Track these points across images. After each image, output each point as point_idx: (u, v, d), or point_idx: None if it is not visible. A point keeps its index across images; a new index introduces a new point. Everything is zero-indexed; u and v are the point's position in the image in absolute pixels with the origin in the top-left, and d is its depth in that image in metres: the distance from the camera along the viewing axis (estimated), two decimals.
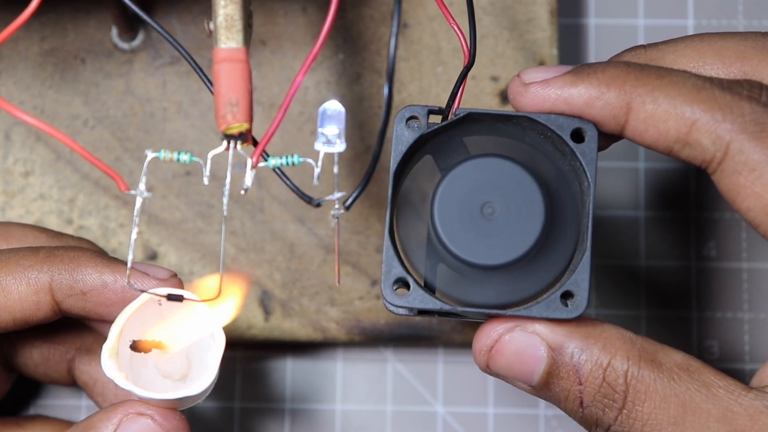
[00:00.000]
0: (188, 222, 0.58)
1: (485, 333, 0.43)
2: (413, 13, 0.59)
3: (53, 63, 0.59)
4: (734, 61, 0.44)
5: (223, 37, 0.43)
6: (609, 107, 0.42)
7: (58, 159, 0.59)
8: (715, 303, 0.61)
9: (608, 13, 0.63)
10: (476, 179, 0.42)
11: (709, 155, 0.41)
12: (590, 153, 0.43)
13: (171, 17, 0.59)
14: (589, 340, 0.42)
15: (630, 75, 0.42)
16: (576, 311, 0.42)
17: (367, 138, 0.58)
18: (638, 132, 0.42)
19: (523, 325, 0.42)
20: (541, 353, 0.42)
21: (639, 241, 0.61)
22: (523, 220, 0.42)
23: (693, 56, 0.44)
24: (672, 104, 0.41)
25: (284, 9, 0.59)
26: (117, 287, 0.47)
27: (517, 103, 0.43)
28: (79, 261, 0.47)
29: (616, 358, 0.42)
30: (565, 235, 0.43)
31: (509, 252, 0.42)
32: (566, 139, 0.43)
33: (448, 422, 0.60)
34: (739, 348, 0.61)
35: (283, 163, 0.42)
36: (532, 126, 0.43)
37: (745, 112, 0.41)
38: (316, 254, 0.58)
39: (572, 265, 0.43)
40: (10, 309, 0.47)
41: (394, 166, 0.43)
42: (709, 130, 0.41)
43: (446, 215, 0.42)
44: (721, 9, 0.63)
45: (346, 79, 0.59)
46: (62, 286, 0.47)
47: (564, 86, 0.42)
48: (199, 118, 0.59)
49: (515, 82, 0.43)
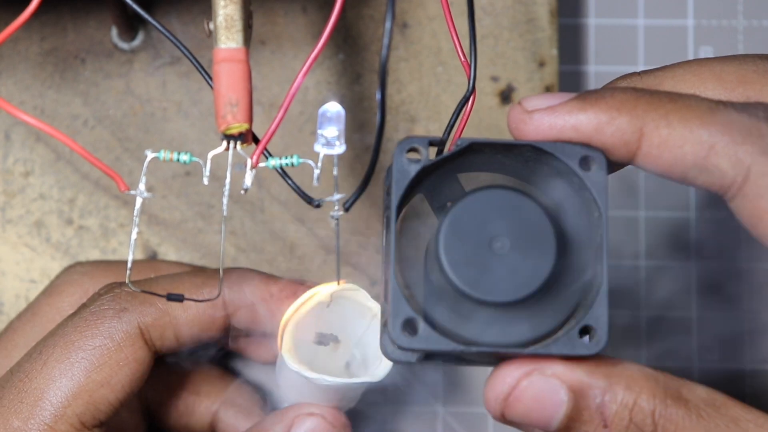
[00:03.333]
0: (188, 222, 0.58)
1: (500, 379, 0.40)
2: (413, 13, 0.59)
3: (53, 63, 0.59)
4: (736, 86, 0.42)
5: (223, 37, 0.43)
6: (620, 133, 0.40)
7: (58, 159, 0.59)
8: (714, 303, 0.61)
9: (608, 13, 0.63)
10: (483, 213, 0.40)
11: (728, 180, 0.39)
12: (600, 182, 0.40)
13: (171, 17, 0.59)
14: (611, 379, 0.40)
15: (641, 99, 0.40)
16: (597, 347, 0.40)
17: (367, 138, 0.58)
18: (651, 158, 0.40)
19: (540, 369, 0.40)
20: (561, 397, 0.40)
21: (639, 242, 0.61)
22: (533, 254, 0.40)
23: (693, 81, 0.43)
24: (688, 128, 0.39)
25: (284, 9, 0.59)
26: (282, 297, 0.50)
27: (520, 131, 0.41)
28: (246, 276, 0.50)
29: (641, 397, 0.40)
30: (576, 269, 0.41)
31: (521, 288, 0.40)
32: (574, 167, 0.40)
33: (448, 422, 0.60)
34: (739, 348, 0.61)
35: (282, 163, 0.42)
36: (536, 156, 0.41)
37: (765, 133, 0.39)
38: (316, 255, 0.58)
39: (585, 300, 0.41)
40: (189, 323, 0.49)
41: (396, 201, 0.40)
42: (729, 154, 0.39)
43: (453, 252, 0.40)
44: (721, 9, 0.63)
45: (346, 79, 0.59)
46: (234, 299, 0.49)
47: (571, 112, 0.40)
48: (199, 118, 0.59)
49: (517, 110, 0.41)
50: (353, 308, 0.49)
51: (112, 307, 0.48)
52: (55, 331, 0.48)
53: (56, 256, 0.58)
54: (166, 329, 0.48)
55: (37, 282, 0.58)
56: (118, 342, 0.47)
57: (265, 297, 0.50)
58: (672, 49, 0.63)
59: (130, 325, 0.48)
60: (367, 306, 0.48)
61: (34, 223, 0.58)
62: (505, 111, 0.59)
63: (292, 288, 0.50)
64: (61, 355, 0.47)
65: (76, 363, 0.47)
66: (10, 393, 0.47)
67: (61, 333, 0.48)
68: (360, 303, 0.48)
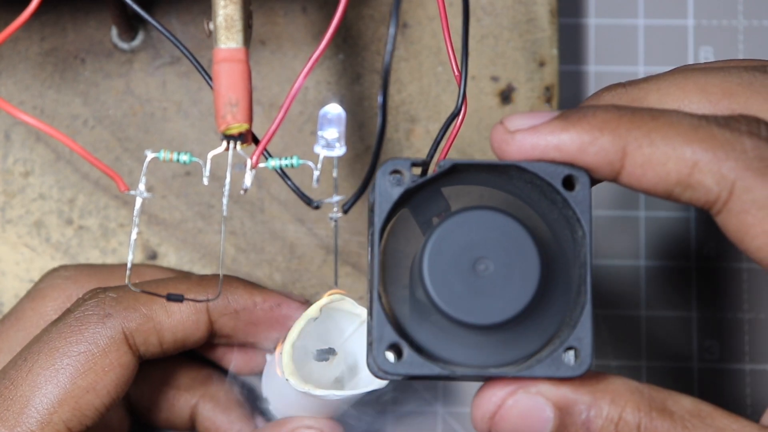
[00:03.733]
0: (188, 222, 0.58)
1: (486, 398, 0.40)
2: (413, 13, 0.59)
3: (53, 63, 0.59)
4: (721, 99, 0.42)
5: (223, 37, 0.43)
6: (603, 152, 0.40)
7: (58, 159, 0.59)
8: (715, 303, 0.61)
9: (608, 13, 0.63)
10: (467, 234, 0.40)
11: (713, 196, 0.39)
12: (584, 201, 0.40)
13: (171, 17, 0.59)
14: (596, 394, 0.40)
15: (623, 118, 0.40)
16: (581, 368, 0.39)
17: (367, 138, 0.58)
18: (635, 177, 0.40)
19: (525, 387, 0.40)
20: (548, 414, 0.40)
21: (639, 242, 0.61)
22: (517, 275, 0.40)
23: (677, 95, 0.43)
24: (670, 145, 0.39)
25: (284, 9, 0.59)
26: (265, 307, 0.50)
27: (503, 152, 0.41)
28: (231, 283, 0.51)
29: (626, 410, 0.40)
30: (560, 288, 0.41)
31: (505, 309, 0.39)
32: (558, 187, 0.40)
33: (448, 422, 0.60)
34: (739, 348, 0.61)
35: (282, 164, 0.42)
36: (519, 175, 0.41)
37: (748, 148, 0.39)
38: (316, 255, 0.58)
39: (570, 318, 0.40)
40: (173, 329, 0.49)
41: (379, 224, 0.40)
42: (712, 170, 0.39)
43: (437, 273, 0.40)
44: (721, 9, 0.63)
45: (346, 80, 0.59)
46: (218, 306, 0.50)
47: (554, 132, 0.40)
48: (199, 118, 0.59)
49: (499, 130, 0.41)
50: (341, 317, 0.49)
51: (96, 313, 0.48)
52: (39, 337, 0.48)
53: (56, 256, 0.58)
54: (150, 335, 0.49)
55: None
56: (102, 348, 0.47)
57: (249, 306, 0.50)
58: (672, 49, 0.63)
59: (114, 331, 0.48)
60: (355, 313, 0.48)
61: (33, 223, 0.58)
62: (506, 111, 0.59)
63: (277, 299, 0.51)
64: (46, 362, 0.47)
65: (61, 369, 0.47)
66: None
67: (45, 339, 0.48)
68: (347, 311, 0.48)
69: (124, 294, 0.49)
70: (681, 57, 0.63)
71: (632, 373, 0.60)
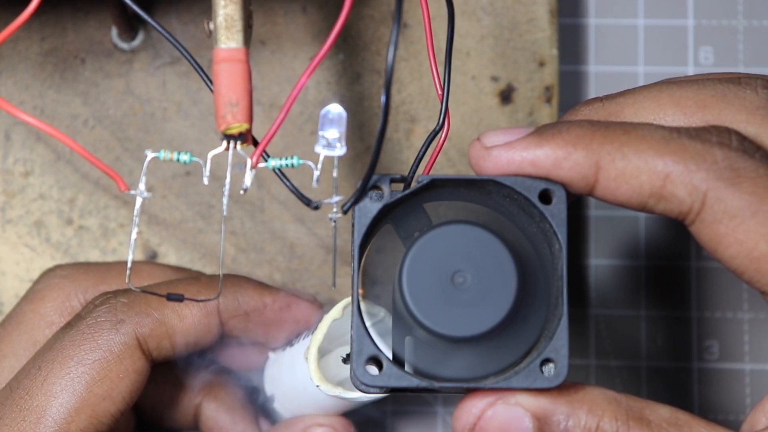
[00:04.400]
0: (188, 222, 0.58)
1: (465, 410, 0.41)
2: (413, 13, 0.59)
3: (53, 63, 0.59)
4: (695, 111, 0.43)
5: (223, 37, 0.43)
6: (577, 167, 0.41)
7: (58, 159, 0.59)
8: (715, 303, 0.61)
9: (608, 13, 0.63)
10: (445, 248, 0.41)
11: (686, 207, 0.40)
12: (560, 214, 0.41)
13: (171, 17, 0.59)
14: (574, 404, 0.40)
15: (596, 133, 0.41)
16: (557, 379, 0.40)
17: (367, 138, 0.58)
18: (610, 191, 0.41)
19: (504, 398, 0.41)
20: (526, 425, 0.40)
21: (639, 241, 0.61)
22: (495, 288, 0.40)
23: (653, 108, 0.43)
24: (642, 159, 0.40)
25: (284, 9, 0.59)
26: (276, 308, 0.50)
27: (480, 167, 0.42)
28: (240, 285, 0.51)
29: (603, 420, 0.40)
30: (537, 300, 0.41)
31: (483, 322, 0.40)
32: (534, 201, 0.41)
33: (448, 422, 0.60)
34: (739, 348, 0.61)
35: (282, 164, 0.42)
36: (498, 190, 0.42)
37: (718, 158, 0.40)
38: (316, 254, 0.58)
39: (548, 330, 0.41)
40: (185, 332, 0.49)
41: (358, 240, 0.41)
42: (684, 182, 0.40)
43: (416, 286, 0.40)
44: (721, 9, 0.63)
45: (346, 79, 0.59)
46: (228, 308, 0.50)
47: (528, 148, 0.41)
48: (199, 118, 0.59)
49: (476, 146, 0.42)
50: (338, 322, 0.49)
51: (108, 319, 0.48)
52: (51, 344, 0.48)
53: (56, 256, 0.58)
54: (163, 339, 0.48)
55: None
56: (117, 354, 0.47)
57: (259, 307, 0.50)
58: (672, 49, 0.63)
59: (128, 337, 0.48)
60: (372, 313, 0.48)
61: (33, 223, 0.58)
62: (505, 111, 0.59)
63: (286, 300, 0.51)
64: (60, 371, 0.47)
65: (76, 378, 0.47)
66: (12, 411, 0.47)
67: (58, 347, 0.47)
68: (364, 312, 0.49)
69: (136, 298, 0.49)
70: (681, 57, 0.63)
71: (632, 373, 0.60)
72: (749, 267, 0.40)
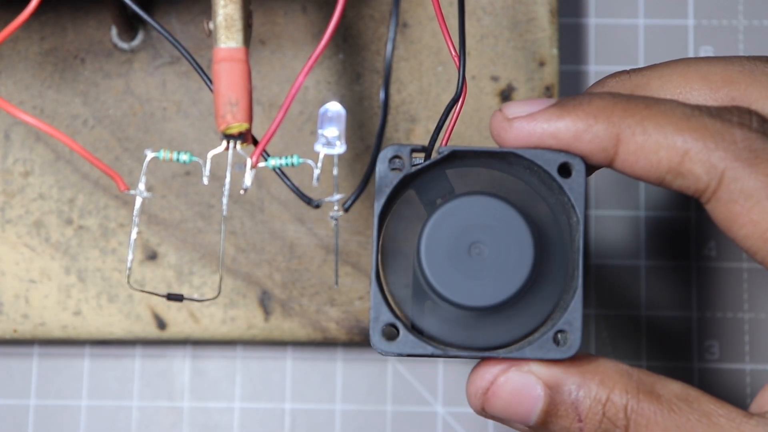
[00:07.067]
0: (188, 222, 0.58)
1: (479, 375, 0.42)
2: (413, 13, 0.59)
3: (53, 63, 0.59)
4: (721, 86, 0.43)
5: (222, 36, 0.43)
6: (598, 140, 0.41)
7: (57, 159, 0.59)
8: (715, 303, 0.61)
9: (608, 13, 0.63)
10: (463, 218, 0.41)
11: (702, 184, 0.40)
12: (578, 188, 0.41)
13: (171, 17, 0.59)
14: (585, 375, 0.41)
15: (618, 106, 0.41)
16: (570, 351, 0.41)
17: (367, 138, 0.58)
18: (629, 164, 0.41)
19: (518, 365, 0.41)
20: (538, 392, 0.41)
21: (639, 242, 0.61)
22: (512, 259, 0.41)
23: (679, 82, 0.43)
24: (662, 134, 0.40)
25: (284, 9, 0.59)
26: None
27: (501, 139, 0.42)
28: None
29: (614, 392, 0.41)
30: (554, 272, 0.42)
31: (499, 292, 0.41)
32: (553, 174, 0.41)
33: (448, 422, 0.60)
34: (739, 348, 0.61)
35: (282, 163, 0.42)
36: (518, 161, 0.42)
37: (737, 138, 0.40)
38: (316, 254, 0.58)
39: (563, 302, 0.42)
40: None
41: (378, 208, 0.42)
42: (702, 159, 0.40)
43: (434, 256, 0.41)
44: (721, 9, 0.63)
45: (346, 79, 0.59)
46: None
47: (550, 120, 0.41)
48: (198, 118, 0.59)
49: (498, 117, 0.42)
50: None
51: None
52: None
53: (56, 256, 0.58)
54: None
55: (36, 282, 0.58)
56: None
57: None
58: (672, 49, 0.63)
59: None
60: None
61: (33, 223, 0.58)
62: None
63: None
64: None
65: None
66: None
67: None
68: None
69: None
70: (681, 57, 0.63)
71: None
72: (763, 247, 0.40)
